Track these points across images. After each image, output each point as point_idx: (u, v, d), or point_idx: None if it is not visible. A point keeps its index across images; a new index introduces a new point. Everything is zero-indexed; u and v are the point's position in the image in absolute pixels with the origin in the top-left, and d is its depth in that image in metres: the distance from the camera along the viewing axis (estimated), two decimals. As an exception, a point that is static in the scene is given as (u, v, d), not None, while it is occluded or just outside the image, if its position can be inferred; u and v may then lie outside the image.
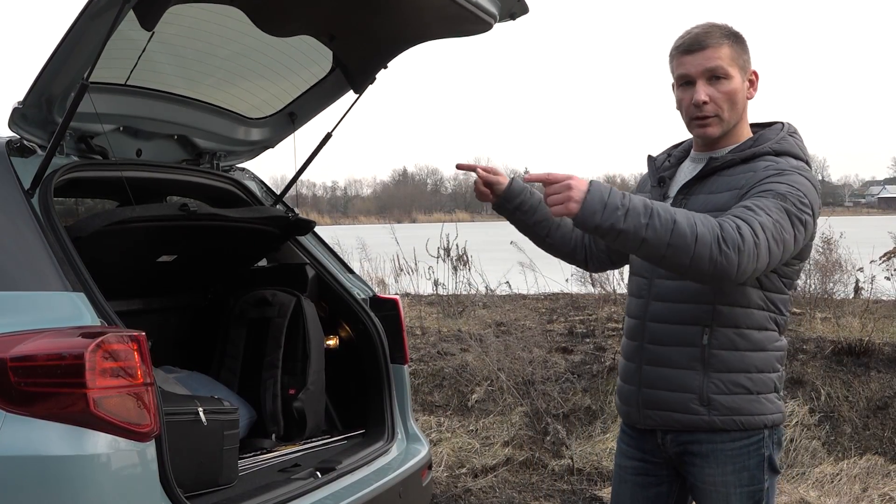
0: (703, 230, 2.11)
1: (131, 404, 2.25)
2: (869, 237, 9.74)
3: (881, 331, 6.72)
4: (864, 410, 5.69)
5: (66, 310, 2.30)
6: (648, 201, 2.15)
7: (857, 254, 9.28)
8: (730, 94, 2.35)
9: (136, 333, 2.30)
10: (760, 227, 2.14)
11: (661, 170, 2.55)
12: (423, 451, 3.49)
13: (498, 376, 6.37)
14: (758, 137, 2.40)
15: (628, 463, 2.60)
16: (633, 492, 2.59)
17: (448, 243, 10.22)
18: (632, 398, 2.51)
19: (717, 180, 2.37)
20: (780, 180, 2.26)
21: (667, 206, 2.18)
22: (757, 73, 2.42)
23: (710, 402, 2.36)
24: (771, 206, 2.19)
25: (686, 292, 2.37)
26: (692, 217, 2.13)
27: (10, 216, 2.43)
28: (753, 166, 2.33)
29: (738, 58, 2.37)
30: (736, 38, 2.38)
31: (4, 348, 2.23)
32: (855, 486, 4.90)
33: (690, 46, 2.36)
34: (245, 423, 3.44)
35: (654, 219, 2.10)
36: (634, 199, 2.13)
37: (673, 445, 2.46)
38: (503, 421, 6.04)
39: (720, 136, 2.40)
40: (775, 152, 2.35)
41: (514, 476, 5.35)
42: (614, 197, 2.12)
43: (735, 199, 2.28)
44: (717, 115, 2.36)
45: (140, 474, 2.26)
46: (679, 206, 2.36)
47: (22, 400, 2.21)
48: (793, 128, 2.44)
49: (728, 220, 2.15)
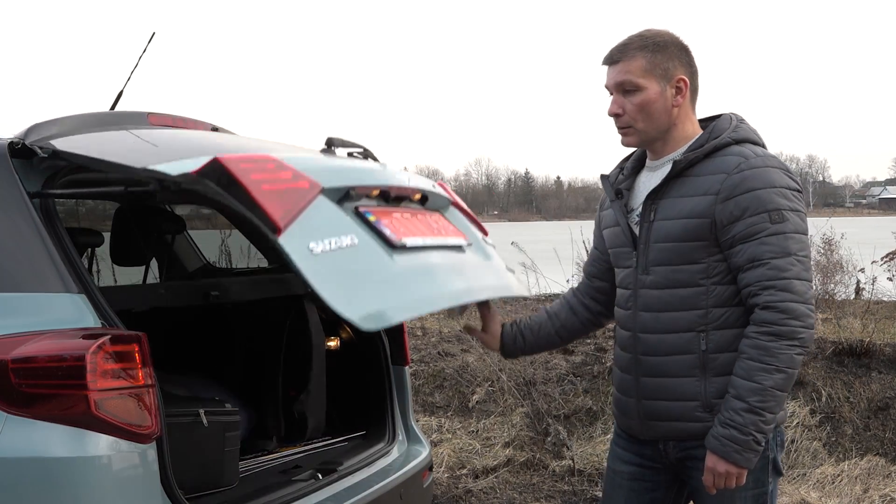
0: (780, 359, 2.24)
1: (132, 406, 2.25)
2: (870, 238, 9.75)
3: (882, 332, 6.72)
4: (865, 411, 5.69)
5: (67, 311, 2.30)
6: (741, 404, 2.25)
7: (859, 255, 9.29)
8: (641, 105, 2.38)
9: (137, 334, 2.30)
10: (794, 279, 2.24)
11: (617, 183, 2.57)
12: (423, 453, 3.48)
13: (499, 377, 6.37)
14: (712, 129, 2.42)
15: (624, 468, 2.58)
16: (627, 497, 2.57)
17: (448, 244, 10.20)
18: (632, 410, 2.49)
19: (684, 182, 2.38)
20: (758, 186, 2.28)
21: (744, 385, 2.25)
22: (686, 80, 2.41)
23: (713, 407, 2.34)
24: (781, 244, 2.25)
25: (673, 301, 2.37)
26: (763, 364, 2.24)
27: (11, 217, 2.43)
28: (721, 163, 2.33)
29: (654, 68, 2.38)
30: (657, 47, 2.39)
31: (5, 350, 2.24)
32: (856, 486, 4.89)
33: (609, 59, 2.44)
34: (246, 425, 3.44)
35: (763, 405, 2.24)
36: (737, 418, 2.25)
37: (676, 451, 2.45)
38: (504, 422, 6.04)
39: (640, 144, 2.46)
40: (735, 141, 2.37)
41: (515, 477, 5.35)
42: (737, 439, 2.25)
43: (712, 205, 2.30)
44: (630, 126, 2.41)
45: (141, 476, 2.26)
46: (649, 213, 2.41)
47: (23, 401, 2.21)
48: (740, 116, 2.48)
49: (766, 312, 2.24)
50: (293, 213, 2.13)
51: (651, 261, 2.40)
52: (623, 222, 2.49)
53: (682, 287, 2.36)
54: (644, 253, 2.42)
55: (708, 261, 2.33)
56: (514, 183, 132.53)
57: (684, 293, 2.35)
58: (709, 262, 2.33)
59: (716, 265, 2.33)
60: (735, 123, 2.42)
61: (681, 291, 2.36)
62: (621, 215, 2.50)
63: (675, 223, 2.36)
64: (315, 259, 2.10)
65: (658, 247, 2.39)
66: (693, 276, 2.34)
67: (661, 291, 2.39)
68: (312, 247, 2.10)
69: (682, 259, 2.35)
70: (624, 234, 2.49)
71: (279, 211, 2.09)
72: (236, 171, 2.11)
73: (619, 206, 2.51)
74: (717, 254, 2.33)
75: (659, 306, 2.39)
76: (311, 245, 2.10)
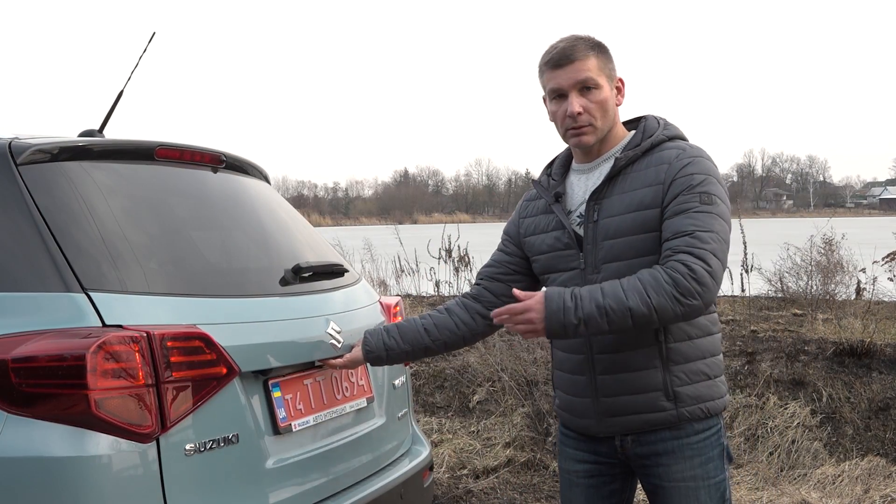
0: (658, 300, 2.23)
1: (133, 405, 2.25)
2: (870, 238, 9.75)
3: (883, 332, 6.73)
4: (866, 412, 5.69)
5: (67, 311, 2.30)
6: (600, 297, 2.26)
7: (859, 255, 9.28)
8: (601, 103, 2.44)
9: (138, 334, 2.30)
10: (711, 254, 2.26)
11: (552, 188, 2.59)
12: (424, 453, 3.48)
13: (500, 377, 6.37)
14: (644, 130, 2.49)
15: (578, 467, 2.59)
16: (587, 494, 2.59)
17: (449, 244, 10.24)
18: (588, 410, 2.50)
19: (626, 179, 2.43)
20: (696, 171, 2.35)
21: (616, 289, 2.26)
22: (623, 81, 2.52)
23: (677, 396, 2.39)
24: (707, 221, 2.30)
25: None
26: (644, 290, 2.24)
27: (11, 216, 2.43)
28: (661, 157, 2.41)
29: (604, 67, 2.46)
30: (600, 48, 2.47)
31: (6, 349, 2.24)
32: (856, 487, 4.89)
33: (560, 61, 2.44)
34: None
35: (611, 314, 2.25)
36: (585, 302, 2.26)
37: (635, 447, 2.46)
38: (505, 422, 6.04)
39: (595, 143, 2.48)
40: (668, 137, 2.47)
41: (516, 477, 5.35)
42: (568, 314, 2.27)
43: (659, 194, 2.36)
44: (591, 124, 2.45)
45: (141, 475, 2.26)
46: (592, 213, 2.45)
47: (23, 401, 2.21)
48: (662, 117, 2.56)
49: (679, 264, 2.24)
50: (189, 409, 2.35)
51: (601, 259, 2.43)
52: (567, 224, 2.51)
53: None
54: (592, 252, 2.44)
55: (659, 251, 2.36)
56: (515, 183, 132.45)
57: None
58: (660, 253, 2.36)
59: None
60: (664, 123, 2.52)
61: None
62: (564, 217, 2.52)
63: (623, 218, 2.40)
64: (183, 462, 2.33)
65: (607, 244, 2.42)
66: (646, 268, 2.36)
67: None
68: (188, 448, 2.34)
69: (634, 252, 2.38)
70: (568, 237, 2.50)
71: (175, 410, 2.31)
72: (158, 348, 2.30)
73: (560, 209, 2.54)
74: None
75: None
76: (186, 446, 2.33)
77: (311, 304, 2.98)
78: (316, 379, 2.89)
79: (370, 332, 2.79)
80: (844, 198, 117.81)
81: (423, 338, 2.71)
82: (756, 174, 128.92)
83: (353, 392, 3.08)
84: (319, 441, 2.83)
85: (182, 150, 2.97)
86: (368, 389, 3.17)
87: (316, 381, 2.89)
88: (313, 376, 2.88)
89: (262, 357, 2.65)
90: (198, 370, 2.39)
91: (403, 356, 2.76)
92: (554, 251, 2.55)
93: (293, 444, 2.71)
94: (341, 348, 2.89)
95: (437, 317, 2.74)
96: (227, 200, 3.14)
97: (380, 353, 2.74)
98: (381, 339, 2.74)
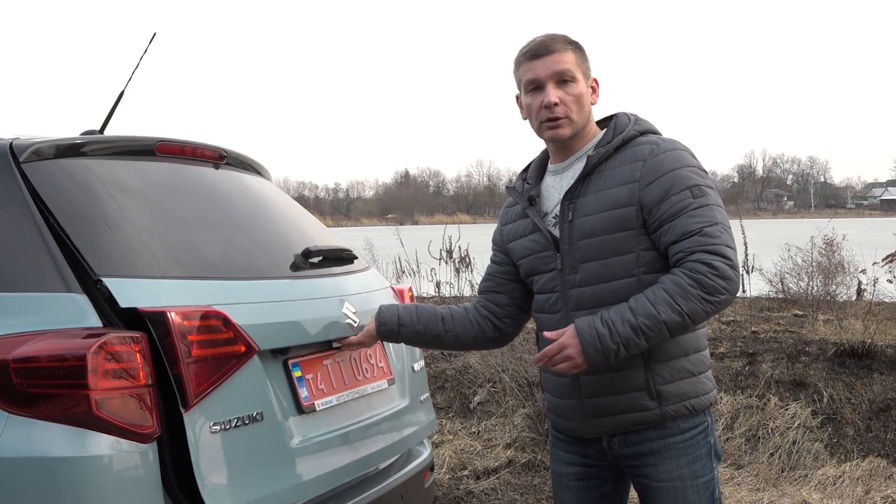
0: (688, 305, 2.24)
1: (133, 405, 2.25)
2: (871, 239, 9.75)
3: (884, 333, 6.73)
4: (867, 413, 5.69)
5: (68, 311, 2.30)
6: (631, 317, 2.26)
7: (860, 256, 9.29)
8: (578, 96, 2.44)
9: (138, 334, 2.30)
10: (725, 246, 2.28)
11: (525, 192, 2.58)
12: (425, 453, 3.48)
13: (501, 378, 6.37)
14: (615, 126, 2.48)
15: (569, 469, 2.59)
16: (578, 497, 2.58)
17: (450, 245, 10.23)
18: (573, 412, 2.50)
19: (599, 177, 2.42)
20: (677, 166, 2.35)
21: (645, 305, 2.26)
22: (597, 81, 2.53)
23: (660, 395, 2.38)
24: (708, 214, 2.31)
25: (605, 296, 2.39)
26: (671, 298, 2.24)
27: (12, 216, 2.43)
28: (635, 153, 2.40)
29: (581, 63, 2.47)
30: (577, 46, 2.48)
31: (6, 350, 2.24)
32: (857, 488, 4.89)
33: (538, 52, 2.44)
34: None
35: (647, 332, 2.26)
36: (618, 325, 2.27)
37: (621, 448, 2.46)
38: (505, 423, 6.04)
39: (570, 136, 2.47)
40: (640, 132, 2.45)
41: (517, 478, 5.35)
42: (605, 341, 2.27)
43: (635, 192, 2.35)
44: (567, 117, 2.43)
45: (142, 475, 2.26)
46: (567, 213, 2.44)
47: (24, 401, 2.21)
48: (634, 113, 2.55)
49: (698, 263, 2.25)
50: (211, 386, 2.34)
51: (578, 259, 2.42)
52: (542, 226, 2.50)
53: (614, 280, 2.38)
54: (569, 252, 2.44)
55: (636, 250, 2.36)
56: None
57: (616, 286, 2.38)
58: (637, 252, 2.36)
59: (644, 254, 2.37)
60: (634, 118, 2.50)
61: (613, 285, 2.38)
62: (539, 220, 2.52)
63: (598, 217, 2.39)
64: (211, 438, 2.32)
65: (584, 244, 2.41)
66: (624, 268, 2.37)
67: (592, 288, 2.40)
68: (213, 426, 2.33)
69: (610, 252, 2.38)
70: (545, 239, 2.50)
71: (198, 385, 2.30)
72: (176, 328, 2.29)
73: (534, 212, 2.53)
74: (644, 242, 2.36)
75: (592, 303, 2.40)
76: (212, 424, 2.33)
77: (324, 286, 2.98)
78: (335, 360, 2.87)
79: (385, 305, 2.77)
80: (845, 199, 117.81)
81: (438, 324, 2.69)
82: (757, 175, 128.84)
83: (374, 374, 3.05)
84: (344, 421, 2.80)
85: (183, 145, 2.98)
86: (388, 372, 3.16)
87: (335, 361, 2.86)
88: (332, 357, 2.86)
89: (279, 335, 2.63)
90: (217, 348, 2.39)
91: (415, 337, 2.71)
92: (533, 254, 2.55)
93: (318, 424, 2.69)
94: (357, 328, 2.87)
95: (455, 310, 2.74)
96: (231, 193, 3.14)
97: (392, 328, 2.70)
98: (396, 313, 2.71)
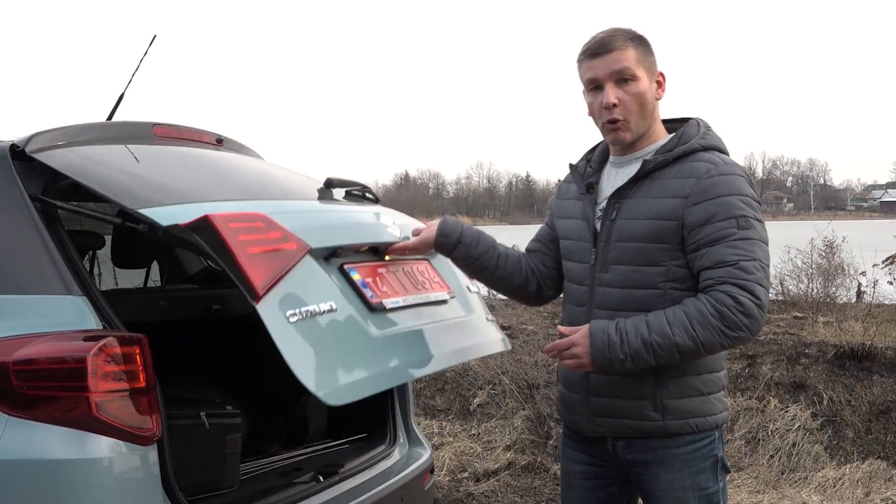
0: (704, 334, 2.22)
1: (133, 408, 2.25)
2: (871, 241, 9.74)
3: (883, 335, 6.72)
4: (867, 415, 5.69)
5: (68, 313, 2.30)
6: (645, 332, 2.25)
7: (860, 258, 9.29)
8: (638, 95, 2.37)
9: (138, 336, 2.30)
10: (757, 284, 2.23)
11: (587, 176, 2.54)
12: (425, 455, 3.48)
13: (501, 380, 6.37)
14: (681, 135, 2.41)
15: (577, 468, 2.58)
16: (583, 496, 2.57)
17: (450, 247, 10.21)
18: (579, 407, 2.49)
19: (651, 184, 2.37)
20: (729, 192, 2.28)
21: (661, 323, 2.24)
22: (664, 75, 2.44)
23: (665, 408, 2.35)
24: (749, 248, 2.25)
25: (628, 301, 2.37)
26: (689, 324, 2.22)
27: (12, 219, 2.43)
28: (691, 168, 2.34)
29: (643, 60, 2.39)
30: (640, 40, 2.41)
31: (6, 352, 2.24)
32: (857, 490, 4.89)
33: (597, 50, 2.39)
34: (247, 427, 3.43)
35: (657, 350, 2.24)
36: (631, 337, 2.25)
37: (626, 453, 2.44)
38: (505, 425, 6.04)
39: (633, 139, 2.42)
40: (704, 148, 2.38)
41: (517, 480, 5.35)
42: (614, 350, 2.26)
43: (680, 209, 2.29)
44: (626, 119, 2.38)
45: (142, 478, 2.26)
46: (611, 211, 2.40)
47: (24, 403, 2.21)
48: (707, 123, 2.48)
49: (725, 296, 2.21)
50: (275, 278, 2.23)
51: (611, 259, 2.40)
52: (590, 217, 2.47)
53: (640, 288, 2.35)
54: (604, 250, 2.41)
55: (668, 264, 2.33)
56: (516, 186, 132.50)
57: (641, 294, 2.35)
58: (669, 266, 2.33)
59: (676, 269, 2.33)
60: (703, 130, 2.43)
61: (637, 292, 2.35)
62: (590, 210, 2.48)
63: (640, 223, 2.35)
64: (291, 328, 2.20)
65: (620, 245, 2.38)
66: (652, 278, 2.34)
67: (618, 290, 2.38)
68: (289, 315, 2.21)
69: (643, 260, 2.35)
70: (587, 231, 2.47)
71: (261, 277, 2.19)
72: (224, 231, 2.20)
73: (589, 201, 2.49)
74: (678, 258, 2.33)
75: (614, 305, 2.38)
76: (287, 313, 2.21)
77: (355, 205, 3.01)
78: (390, 269, 2.78)
79: (450, 218, 2.69)
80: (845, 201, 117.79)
81: (493, 258, 2.61)
82: (757, 177, 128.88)
83: (432, 285, 2.96)
84: (414, 320, 2.70)
85: (180, 129, 3.04)
86: (445, 286, 3.04)
87: (390, 271, 2.77)
88: (387, 267, 2.77)
89: (327, 236, 2.56)
90: (269, 246, 2.30)
91: (468, 259, 2.61)
92: (572, 239, 2.52)
93: (391, 320, 2.60)
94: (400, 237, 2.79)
95: (511, 251, 2.67)
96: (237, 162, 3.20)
97: (452, 241, 2.58)
98: (460, 229, 2.61)
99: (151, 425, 2.27)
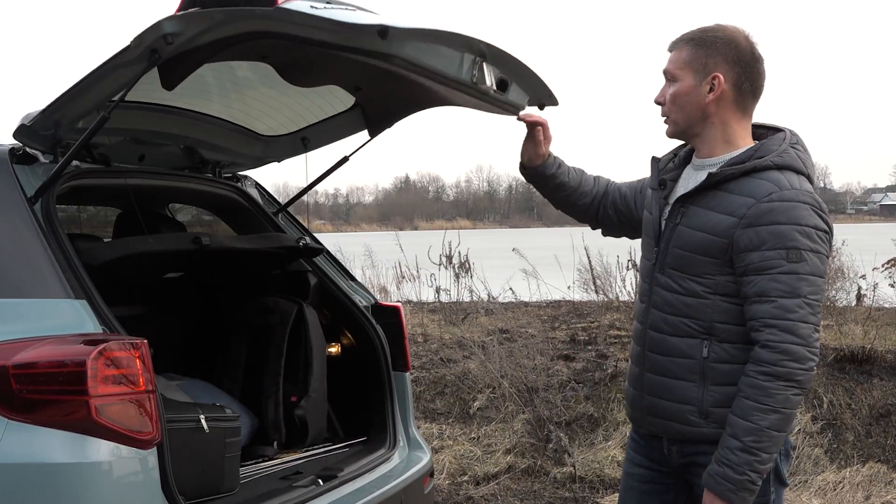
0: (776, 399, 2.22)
1: (133, 411, 2.25)
2: (871, 244, 9.74)
3: (884, 338, 6.72)
4: (867, 418, 5.69)
5: (68, 317, 2.31)
6: (736, 443, 2.23)
7: (860, 261, 9.28)
8: (674, 96, 2.40)
9: (138, 340, 2.30)
10: (800, 323, 2.21)
11: (665, 171, 2.55)
12: (424, 459, 3.48)
13: (500, 383, 6.37)
14: (759, 147, 2.35)
15: (635, 470, 2.60)
16: (639, 499, 2.58)
17: (450, 250, 10.23)
18: (636, 403, 2.52)
19: (715, 195, 2.34)
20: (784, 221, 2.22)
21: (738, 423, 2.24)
22: (720, 77, 2.33)
23: (709, 415, 2.34)
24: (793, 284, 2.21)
25: (680, 306, 2.37)
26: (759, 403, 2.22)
27: (12, 223, 2.43)
28: (754, 186, 2.28)
29: (694, 61, 2.36)
30: (704, 42, 2.36)
31: (6, 355, 2.24)
32: (857, 493, 4.89)
33: (669, 47, 2.46)
34: (247, 431, 3.44)
35: (759, 444, 2.23)
36: (731, 457, 2.25)
37: (679, 457, 2.45)
38: (505, 428, 6.03)
39: (675, 135, 2.47)
40: (777, 166, 2.30)
41: (516, 484, 5.35)
42: (731, 478, 2.24)
43: (733, 229, 2.27)
44: (668, 115, 2.44)
45: (142, 482, 2.26)
46: (677, 218, 2.40)
47: (24, 407, 2.21)
48: (795, 137, 2.40)
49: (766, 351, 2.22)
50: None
51: (668, 262, 2.40)
52: (657, 215, 2.48)
53: (690, 296, 2.35)
54: (664, 253, 2.42)
55: (717, 278, 2.32)
56: (516, 189, 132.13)
57: (691, 302, 2.35)
58: (718, 280, 2.32)
59: (725, 284, 2.31)
60: (784, 147, 2.34)
61: (688, 300, 2.36)
62: (657, 207, 2.49)
63: (696, 234, 2.34)
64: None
65: (676, 251, 2.39)
66: (701, 288, 2.34)
67: (671, 294, 2.39)
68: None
69: (693, 270, 2.35)
70: (654, 226, 2.48)
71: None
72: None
73: (658, 197, 2.50)
74: (727, 272, 2.31)
75: (668, 308, 2.39)
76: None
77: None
78: None
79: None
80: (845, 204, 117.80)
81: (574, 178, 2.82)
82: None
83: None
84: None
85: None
86: None
87: None
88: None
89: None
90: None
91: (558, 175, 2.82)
92: (645, 233, 2.56)
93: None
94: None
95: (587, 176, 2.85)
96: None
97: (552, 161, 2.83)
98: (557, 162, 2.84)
99: (151, 429, 2.27)
